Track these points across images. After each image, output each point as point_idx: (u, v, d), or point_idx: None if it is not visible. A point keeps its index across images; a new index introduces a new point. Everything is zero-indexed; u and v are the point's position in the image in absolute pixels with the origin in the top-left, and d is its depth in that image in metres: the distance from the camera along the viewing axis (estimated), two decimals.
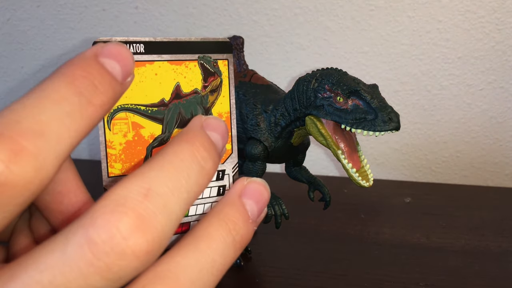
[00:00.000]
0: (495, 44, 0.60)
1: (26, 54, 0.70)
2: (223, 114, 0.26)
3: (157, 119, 0.24)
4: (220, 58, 0.25)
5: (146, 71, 0.24)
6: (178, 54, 0.24)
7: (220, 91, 0.26)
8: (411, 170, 0.67)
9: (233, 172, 0.27)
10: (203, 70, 0.25)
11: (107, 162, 0.24)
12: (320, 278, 0.40)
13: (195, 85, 0.25)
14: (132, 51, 0.23)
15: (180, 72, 0.25)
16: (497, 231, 0.49)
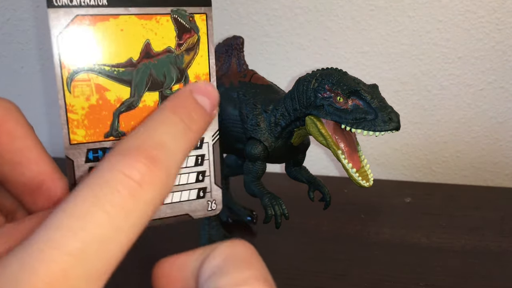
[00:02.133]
0: (495, 44, 0.60)
1: (26, 54, 0.70)
2: (200, 75, 0.23)
3: (124, 81, 0.22)
4: (197, 12, 0.22)
5: (110, 27, 0.21)
6: (147, 7, 0.22)
7: (197, 50, 0.23)
8: (411, 170, 0.67)
9: (213, 141, 0.24)
10: (177, 26, 0.22)
11: (68, 128, 0.21)
12: (320, 278, 0.40)
13: (168, 43, 0.22)
14: (93, 3, 0.20)
15: (150, 28, 0.22)
16: (497, 231, 0.49)
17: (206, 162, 0.24)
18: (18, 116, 0.20)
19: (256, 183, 0.39)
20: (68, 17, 0.20)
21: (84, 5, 0.20)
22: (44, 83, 0.71)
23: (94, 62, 0.21)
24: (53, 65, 0.20)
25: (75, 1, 0.20)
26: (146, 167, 0.16)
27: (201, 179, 0.24)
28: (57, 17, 0.20)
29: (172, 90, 0.23)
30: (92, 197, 0.15)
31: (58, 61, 0.20)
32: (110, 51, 0.21)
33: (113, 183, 0.15)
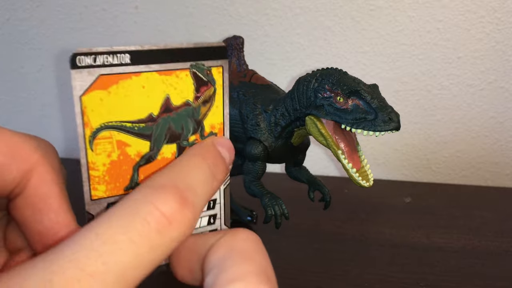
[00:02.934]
0: (496, 44, 0.60)
1: (26, 54, 0.70)
2: (215, 125, 0.24)
3: (145, 135, 0.22)
4: (214, 65, 0.23)
5: (132, 84, 0.21)
6: (168, 63, 0.22)
7: (213, 101, 0.24)
8: (411, 170, 0.67)
9: (224, 186, 0.25)
10: (195, 80, 0.23)
11: (89, 185, 0.21)
12: (320, 278, 0.40)
13: (187, 97, 0.23)
14: (117, 62, 0.21)
15: (170, 83, 0.22)
16: (497, 231, 0.49)
17: (217, 206, 0.26)
18: (53, 162, 0.20)
19: (256, 183, 0.39)
20: (92, 77, 0.20)
21: (107, 64, 0.21)
22: (44, 83, 0.71)
23: (116, 119, 0.21)
24: (75, 124, 0.21)
25: (99, 61, 0.20)
26: (178, 205, 0.17)
27: (212, 222, 0.26)
28: (81, 78, 0.20)
29: (188, 141, 0.24)
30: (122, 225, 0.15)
31: (80, 121, 0.21)
32: (132, 108, 0.22)
33: (144, 214, 0.16)
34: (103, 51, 0.20)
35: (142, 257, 0.15)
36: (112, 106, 0.21)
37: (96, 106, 0.21)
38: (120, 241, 0.15)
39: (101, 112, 0.21)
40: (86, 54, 0.20)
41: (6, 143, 0.18)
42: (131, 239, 0.15)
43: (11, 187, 0.19)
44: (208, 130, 0.24)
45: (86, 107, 0.21)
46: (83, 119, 0.21)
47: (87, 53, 0.20)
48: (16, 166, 0.18)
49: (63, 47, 0.69)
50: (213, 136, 0.22)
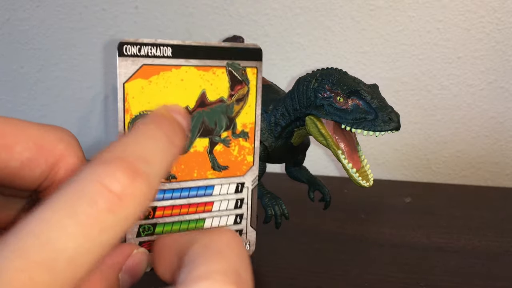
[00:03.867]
0: (496, 44, 0.60)
1: (26, 54, 0.70)
2: (247, 124, 0.25)
3: None
4: (250, 65, 0.24)
5: (171, 76, 0.23)
6: (206, 60, 0.23)
7: (246, 101, 0.24)
8: (411, 170, 0.67)
9: (252, 185, 0.26)
10: (230, 78, 0.24)
11: None
12: (320, 278, 0.40)
13: (221, 93, 0.24)
14: (159, 54, 0.22)
15: (207, 78, 0.23)
16: (497, 231, 0.49)
17: (244, 205, 0.26)
18: (77, 151, 0.20)
19: None
20: (136, 66, 0.22)
21: (150, 55, 0.22)
22: (44, 83, 0.71)
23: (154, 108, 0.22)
24: (117, 109, 0.22)
25: (143, 51, 0.22)
26: (127, 178, 0.15)
27: (238, 222, 0.26)
28: (126, 66, 0.22)
29: (220, 137, 0.25)
30: (68, 208, 0.14)
31: (122, 106, 0.22)
32: (170, 99, 0.23)
33: (91, 194, 0.15)
34: (148, 43, 0.22)
35: (94, 240, 0.14)
36: (152, 95, 0.22)
37: (137, 94, 0.22)
38: (67, 225, 0.14)
39: (141, 100, 0.22)
40: (132, 44, 0.22)
41: (32, 139, 0.19)
42: (80, 223, 0.14)
43: (40, 180, 0.19)
44: (240, 128, 0.25)
45: (128, 94, 0.22)
46: (124, 105, 0.22)
47: (133, 43, 0.22)
48: (43, 159, 0.19)
49: (63, 47, 0.69)
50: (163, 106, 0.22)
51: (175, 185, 0.24)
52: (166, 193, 0.24)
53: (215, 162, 0.25)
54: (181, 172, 0.24)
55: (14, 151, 0.18)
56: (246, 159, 0.25)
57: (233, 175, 0.25)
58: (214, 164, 0.25)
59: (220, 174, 0.25)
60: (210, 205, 0.25)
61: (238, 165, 0.25)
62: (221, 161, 0.25)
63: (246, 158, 0.25)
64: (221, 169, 0.25)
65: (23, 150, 0.18)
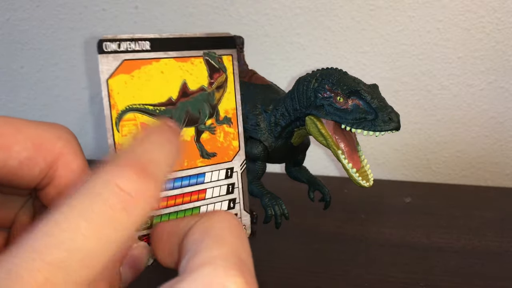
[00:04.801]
0: (496, 44, 0.60)
1: (26, 54, 0.70)
2: (229, 110, 0.26)
3: None
4: (225, 53, 0.25)
5: (152, 69, 0.23)
6: (184, 51, 0.24)
7: (225, 88, 0.25)
8: (411, 170, 0.67)
9: (241, 170, 0.26)
10: (208, 67, 0.25)
11: None
12: (320, 278, 0.40)
13: (201, 82, 0.25)
14: (138, 49, 0.23)
15: (186, 69, 0.24)
16: (497, 231, 0.49)
17: (236, 190, 0.27)
18: (76, 149, 0.20)
19: (256, 183, 0.39)
20: (117, 62, 0.23)
21: (130, 50, 0.23)
22: (44, 83, 0.71)
23: (139, 102, 0.23)
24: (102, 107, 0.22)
25: (122, 47, 0.23)
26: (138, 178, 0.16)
27: (232, 206, 0.26)
28: (107, 62, 0.22)
29: (205, 124, 0.25)
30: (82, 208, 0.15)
31: (107, 103, 0.22)
32: (153, 92, 0.24)
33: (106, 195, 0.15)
34: (126, 38, 0.22)
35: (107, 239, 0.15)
36: (136, 89, 0.23)
37: (121, 89, 0.23)
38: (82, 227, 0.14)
39: (126, 95, 0.23)
40: (111, 40, 0.22)
41: (30, 138, 0.19)
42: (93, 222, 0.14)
43: (39, 178, 0.19)
44: (223, 115, 0.26)
45: (112, 90, 0.22)
46: (110, 101, 0.22)
47: (112, 39, 0.22)
48: (42, 158, 0.19)
49: (63, 47, 0.69)
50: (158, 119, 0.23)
51: None
52: None
53: (203, 149, 0.25)
54: None
55: (13, 151, 0.18)
56: (232, 144, 0.26)
57: (221, 161, 0.26)
58: (202, 152, 0.25)
59: (209, 161, 0.26)
60: (203, 193, 0.26)
61: (225, 151, 0.26)
62: (208, 148, 0.26)
63: (232, 144, 0.26)
64: (210, 156, 0.26)
65: (21, 150, 0.18)
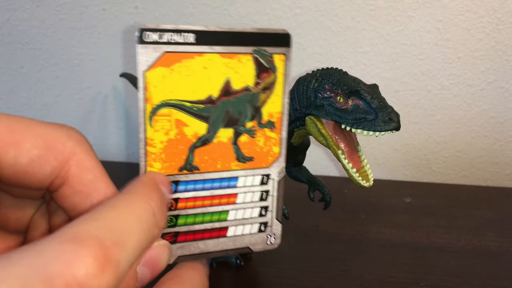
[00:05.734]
0: (496, 44, 0.60)
1: (26, 54, 0.70)
2: (274, 114, 0.24)
3: (203, 117, 0.22)
4: (277, 52, 0.23)
5: (194, 64, 0.21)
6: (231, 46, 0.22)
7: (273, 89, 0.23)
8: (411, 170, 0.67)
9: (278, 177, 0.25)
10: (257, 65, 0.23)
11: (145, 161, 0.22)
12: (320, 278, 0.40)
13: (247, 82, 0.23)
14: (182, 41, 0.21)
15: (231, 66, 0.22)
16: (497, 231, 0.49)
17: (270, 198, 0.25)
18: (87, 148, 0.20)
19: None
20: (157, 53, 0.21)
21: (172, 42, 0.21)
22: (44, 83, 0.71)
23: (176, 98, 0.22)
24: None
25: (165, 38, 0.21)
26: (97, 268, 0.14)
27: (263, 214, 0.25)
28: (146, 53, 0.21)
29: (245, 127, 0.24)
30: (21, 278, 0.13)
31: (143, 96, 0.21)
32: (192, 88, 0.22)
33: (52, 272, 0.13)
34: (170, 29, 0.21)
35: None
36: (174, 84, 0.21)
37: (159, 83, 0.21)
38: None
39: (163, 89, 0.21)
40: (153, 30, 0.21)
41: (40, 136, 0.19)
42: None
43: (52, 178, 0.19)
44: (266, 119, 0.24)
45: (149, 82, 0.21)
46: (145, 94, 0.21)
47: (154, 29, 0.20)
48: (53, 156, 0.19)
49: (63, 46, 0.69)
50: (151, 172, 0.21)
51: (198, 176, 0.23)
52: (188, 185, 0.23)
53: (240, 153, 0.24)
54: (204, 163, 0.23)
55: (23, 148, 0.18)
56: (272, 150, 0.24)
57: (258, 166, 0.24)
58: (238, 155, 0.24)
59: (245, 166, 0.24)
60: (234, 197, 0.24)
61: (263, 156, 0.24)
62: (245, 152, 0.24)
63: (272, 149, 0.24)
64: (246, 161, 0.24)
65: (32, 147, 0.18)
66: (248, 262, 0.42)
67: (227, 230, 0.24)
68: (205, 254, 0.24)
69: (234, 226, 0.24)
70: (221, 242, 0.24)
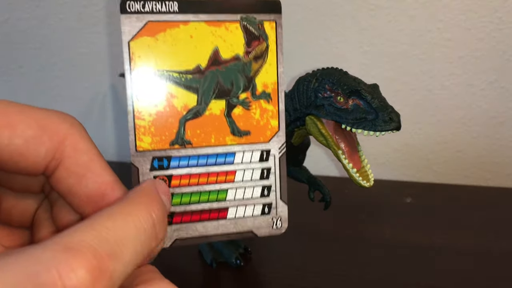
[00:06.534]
0: (496, 43, 0.60)
1: (25, 54, 0.70)
2: (268, 84, 0.23)
3: (192, 88, 0.21)
4: (267, 19, 0.22)
5: (179, 33, 0.21)
6: (217, 14, 0.21)
7: (265, 58, 0.22)
8: (412, 170, 0.67)
9: (279, 153, 0.23)
10: (246, 33, 0.22)
11: (135, 135, 0.21)
12: (320, 278, 0.40)
13: (236, 50, 0.22)
14: (165, 10, 0.21)
15: (219, 34, 0.21)
16: (498, 231, 0.49)
17: (272, 176, 0.23)
18: (81, 131, 0.20)
19: None
20: (140, 23, 0.21)
21: (156, 11, 0.21)
22: (44, 83, 0.71)
23: (163, 68, 0.21)
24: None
25: (147, 7, 0.21)
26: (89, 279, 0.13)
27: (266, 194, 0.24)
28: (129, 23, 0.20)
29: (239, 98, 0.23)
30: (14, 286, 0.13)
31: (128, 67, 0.21)
32: (179, 58, 0.21)
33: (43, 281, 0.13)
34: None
35: None
36: (160, 54, 0.21)
37: (144, 53, 0.21)
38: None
39: (149, 59, 0.21)
40: (136, 0, 0.20)
41: (34, 118, 0.19)
42: None
43: (47, 160, 0.19)
44: (261, 89, 0.23)
45: (133, 53, 0.21)
46: (130, 64, 0.21)
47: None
48: (47, 137, 0.19)
49: (62, 46, 0.69)
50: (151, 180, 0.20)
51: (191, 151, 0.22)
52: (181, 160, 0.22)
53: (235, 126, 0.23)
54: (197, 137, 0.22)
55: (18, 129, 0.18)
56: (270, 123, 0.23)
57: (256, 141, 0.23)
58: (233, 128, 0.23)
59: (242, 140, 0.23)
60: (232, 175, 0.23)
61: (261, 130, 0.23)
62: (241, 125, 0.23)
63: (270, 123, 0.23)
64: (242, 135, 0.23)
65: (26, 128, 0.18)
66: (248, 262, 0.42)
67: (227, 211, 0.23)
68: (205, 238, 0.23)
69: (234, 207, 0.23)
70: (222, 225, 0.23)
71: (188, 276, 0.41)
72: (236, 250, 0.43)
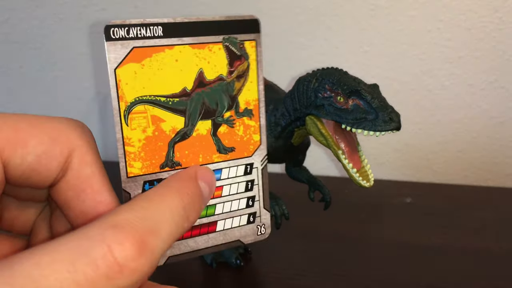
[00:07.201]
0: (496, 43, 0.60)
1: (25, 54, 0.70)
2: (250, 101, 0.24)
3: (179, 111, 0.22)
4: (247, 38, 0.23)
5: (165, 57, 0.21)
6: (200, 36, 0.22)
7: (247, 77, 0.23)
8: (412, 170, 0.67)
9: (261, 165, 0.24)
10: (228, 53, 0.22)
11: (125, 161, 0.21)
12: (320, 278, 0.40)
13: (220, 71, 0.22)
14: (150, 35, 0.21)
15: (203, 56, 0.22)
16: (498, 231, 0.49)
17: (255, 187, 0.25)
18: (90, 141, 0.20)
19: None
20: (126, 49, 0.21)
21: (140, 37, 0.21)
22: (44, 83, 0.71)
23: (150, 93, 0.21)
24: (110, 98, 0.21)
25: (132, 33, 0.21)
26: (134, 252, 0.15)
27: (251, 204, 0.25)
28: (115, 50, 0.20)
29: (223, 117, 0.23)
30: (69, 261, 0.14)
31: (115, 94, 0.21)
32: (166, 82, 0.22)
33: (95, 256, 0.15)
34: (136, 23, 0.20)
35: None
36: (146, 79, 0.21)
37: (130, 80, 0.21)
38: (63, 279, 0.14)
39: (136, 85, 0.21)
40: (120, 26, 0.20)
41: (45, 131, 0.18)
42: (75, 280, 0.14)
43: (56, 173, 0.19)
44: (243, 107, 0.24)
45: (120, 80, 0.21)
46: (117, 92, 0.21)
47: (120, 25, 0.20)
48: (59, 150, 0.19)
49: (62, 46, 0.69)
50: (196, 166, 0.22)
51: None
52: None
53: (220, 144, 0.23)
54: (186, 158, 0.23)
55: (29, 145, 0.18)
56: (253, 138, 0.24)
57: (240, 156, 0.24)
58: (219, 146, 0.23)
59: (227, 157, 0.24)
60: (220, 190, 0.24)
61: (244, 145, 0.24)
62: (226, 142, 0.24)
63: (253, 138, 0.24)
64: (227, 151, 0.24)
65: (37, 144, 0.18)
66: (248, 262, 0.42)
67: (216, 224, 0.24)
68: (196, 252, 0.23)
69: (222, 220, 0.24)
70: (211, 238, 0.24)
71: (188, 276, 0.41)
72: (236, 250, 0.43)
